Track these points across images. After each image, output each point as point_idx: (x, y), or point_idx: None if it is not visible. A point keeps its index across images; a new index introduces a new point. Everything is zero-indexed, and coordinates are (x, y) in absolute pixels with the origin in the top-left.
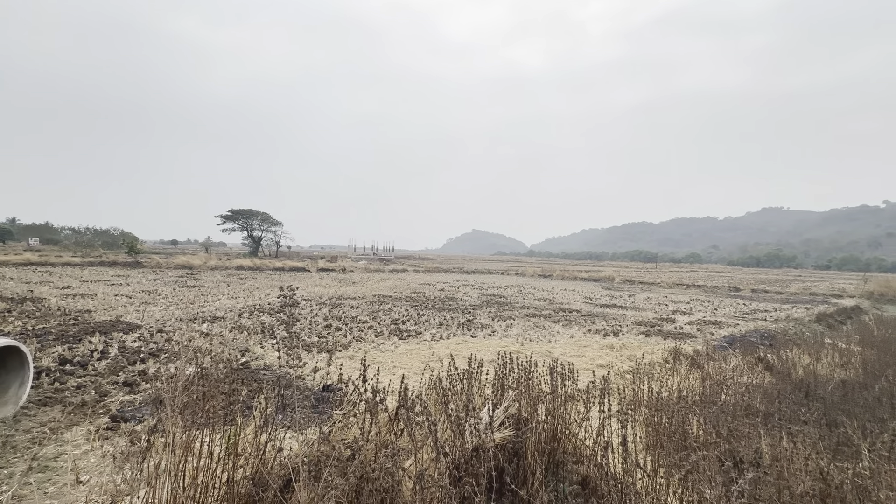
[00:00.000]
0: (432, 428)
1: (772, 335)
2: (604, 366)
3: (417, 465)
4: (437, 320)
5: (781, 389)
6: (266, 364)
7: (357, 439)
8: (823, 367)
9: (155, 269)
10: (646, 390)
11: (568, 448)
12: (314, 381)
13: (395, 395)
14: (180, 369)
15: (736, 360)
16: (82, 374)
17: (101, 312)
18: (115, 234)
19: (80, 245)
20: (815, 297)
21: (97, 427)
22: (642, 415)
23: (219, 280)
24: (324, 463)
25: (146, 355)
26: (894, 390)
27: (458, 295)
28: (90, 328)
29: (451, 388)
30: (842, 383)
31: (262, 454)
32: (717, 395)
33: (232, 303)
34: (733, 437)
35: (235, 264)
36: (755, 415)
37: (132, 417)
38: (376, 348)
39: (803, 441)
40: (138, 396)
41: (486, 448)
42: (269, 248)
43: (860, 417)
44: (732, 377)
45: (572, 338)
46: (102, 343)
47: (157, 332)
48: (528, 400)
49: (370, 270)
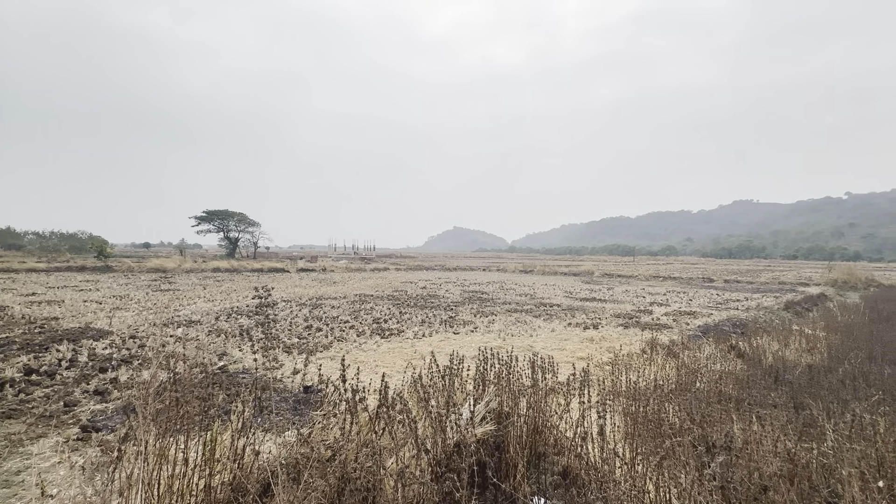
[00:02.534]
0: (413, 426)
1: (743, 323)
2: (584, 358)
3: (399, 463)
4: (419, 318)
5: (752, 375)
6: (245, 367)
7: (338, 440)
8: (791, 353)
9: (126, 274)
10: (624, 381)
11: (549, 440)
12: (294, 383)
13: (377, 394)
14: (153, 375)
15: (710, 349)
16: (49, 383)
17: (69, 319)
18: (83, 237)
19: (46, 250)
20: (784, 285)
21: (66, 438)
22: (621, 405)
23: (194, 283)
24: (303, 465)
25: (118, 362)
26: (856, 373)
27: (439, 292)
28: (57, 336)
29: (432, 384)
30: (808, 368)
31: (239, 459)
32: (691, 383)
33: (208, 306)
34: (706, 422)
35: (212, 266)
36: (728, 400)
37: (104, 427)
38: (358, 348)
39: (772, 424)
40: (110, 405)
41: (468, 443)
42: (246, 250)
43: (825, 399)
44: (706, 365)
45: (553, 331)
46: (71, 351)
47: (130, 338)
48: (509, 394)
49: (351, 270)
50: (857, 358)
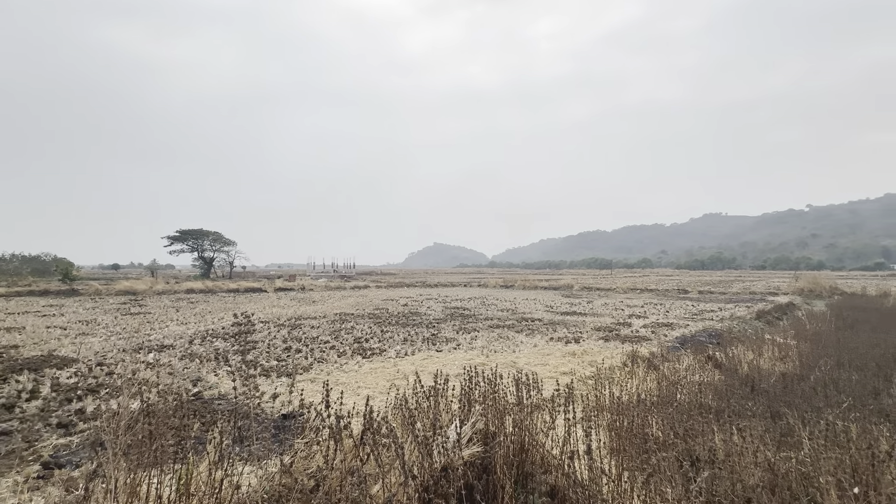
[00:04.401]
0: (399, 451)
1: (719, 334)
2: (567, 373)
3: (385, 490)
4: (401, 336)
5: (730, 385)
6: (221, 393)
7: (321, 468)
8: (765, 362)
9: (94, 297)
10: (607, 395)
11: (536, 459)
12: (274, 409)
13: (361, 418)
14: (123, 405)
15: (688, 360)
16: (8, 417)
17: (30, 347)
18: (46, 260)
19: (6, 273)
20: (755, 295)
21: (26, 477)
22: (605, 419)
23: (167, 305)
24: (285, 497)
25: (84, 392)
26: (827, 380)
27: (421, 309)
28: (17, 366)
29: (417, 406)
30: (782, 376)
31: (217, 493)
32: (672, 396)
33: (182, 329)
34: (689, 435)
35: (185, 287)
36: (708, 412)
37: (68, 462)
38: (339, 369)
39: (751, 434)
40: (75, 438)
41: (455, 466)
42: (222, 270)
43: (799, 408)
44: (686, 376)
45: (535, 347)
46: (32, 381)
47: (97, 366)
48: (494, 413)
49: (330, 288)
50: (826, 365)
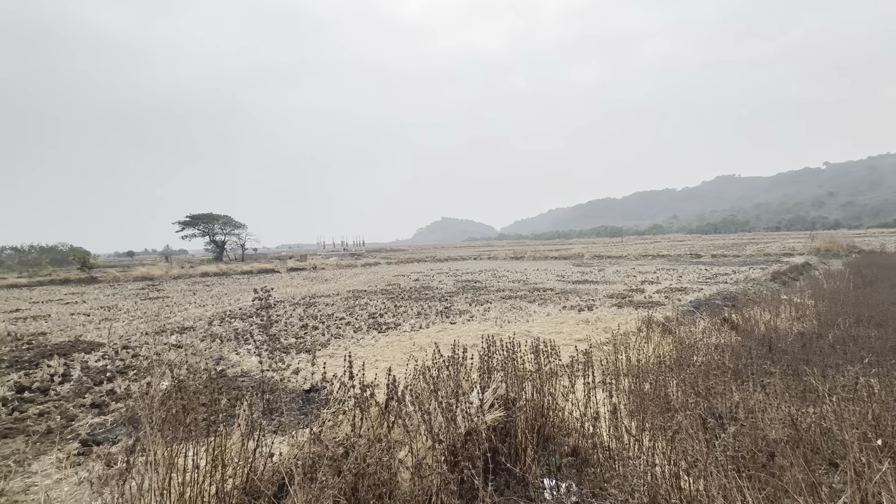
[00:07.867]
0: (426, 417)
1: (734, 296)
2: (582, 340)
3: (413, 455)
4: (414, 310)
5: (747, 346)
6: (244, 370)
7: (349, 436)
8: (782, 322)
9: (112, 284)
10: (624, 359)
11: (555, 422)
12: (297, 383)
13: (382, 389)
14: (154, 384)
15: (704, 323)
16: (44, 400)
17: (57, 334)
18: (63, 249)
19: (26, 264)
20: (769, 257)
21: (67, 454)
22: (623, 383)
23: (184, 289)
24: (317, 463)
25: (113, 374)
26: (846, 337)
27: (433, 283)
28: (47, 351)
29: (438, 375)
30: (800, 335)
31: (251, 462)
32: (690, 358)
33: (200, 311)
34: (710, 395)
35: (200, 271)
36: (727, 372)
37: (105, 440)
38: (356, 344)
39: (773, 391)
40: (109, 417)
41: (479, 431)
42: (234, 252)
43: (819, 365)
44: (702, 339)
45: (549, 316)
46: (63, 365)
47: (123, 349)
48: (514, 379)
49: (342, 266)
50: (845, 323)
